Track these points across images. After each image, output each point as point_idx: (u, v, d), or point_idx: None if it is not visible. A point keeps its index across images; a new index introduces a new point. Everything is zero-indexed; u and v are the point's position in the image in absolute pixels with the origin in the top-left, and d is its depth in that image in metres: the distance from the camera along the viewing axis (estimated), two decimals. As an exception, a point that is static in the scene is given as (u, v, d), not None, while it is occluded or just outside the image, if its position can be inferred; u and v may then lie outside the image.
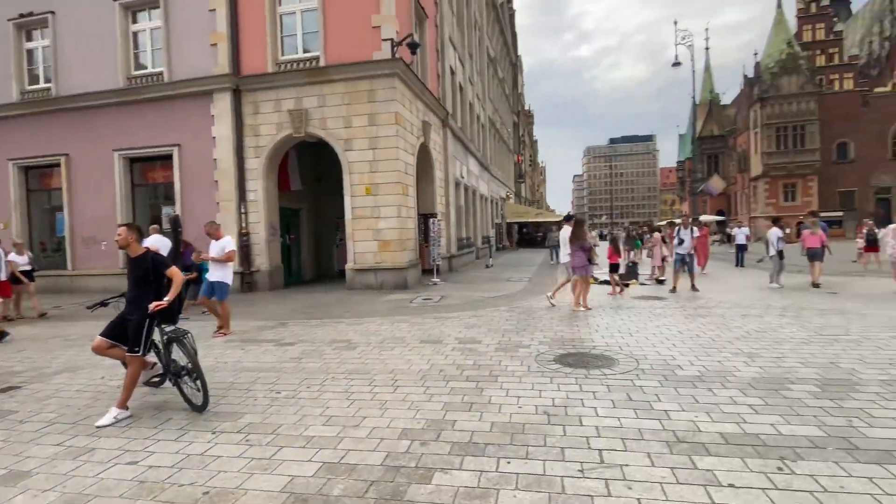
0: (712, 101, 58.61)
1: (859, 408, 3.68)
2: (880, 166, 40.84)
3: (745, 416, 3.57)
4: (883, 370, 4.59)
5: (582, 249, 8.62)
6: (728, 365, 4.89)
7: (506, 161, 37.96)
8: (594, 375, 4.72)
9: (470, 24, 22.81)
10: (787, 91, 41.03)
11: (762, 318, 7.32)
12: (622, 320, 7.47)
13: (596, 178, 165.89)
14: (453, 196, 17.68)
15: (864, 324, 6.70)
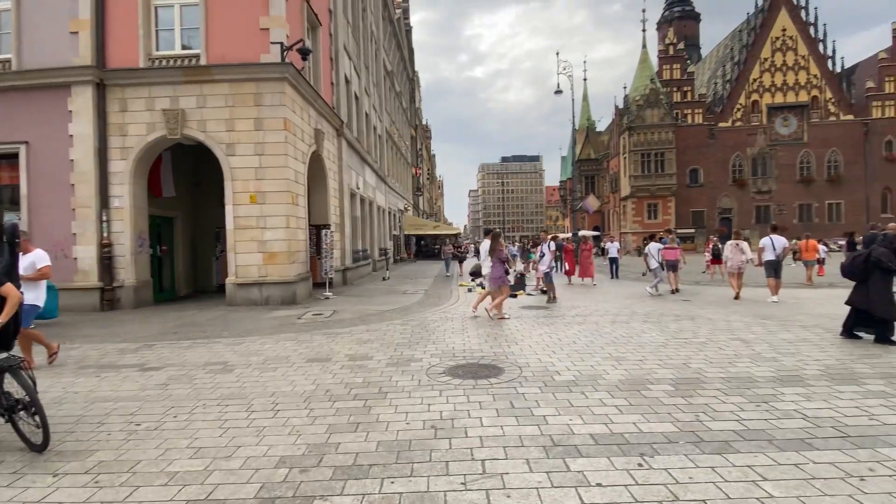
0: (589, 127, 64.56)
1: (705, 403, 4.17)
2: (723, 190, 47.86)
3: (612, 417, 3.87)
4: (723, 369, 5.27)
5: (499, 261, 9.04)
6: (599, 369, 5.30)
7: (404, 173, 38.20)
8: (482, 385, 4.83)
9: (366, 35, 22.74)
10: (651, 122, 46.60)
11: (628, 324, 8.09)
12: (510, 330, 7.79)
13: (490, 194, 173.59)
14: (348, 207, 17.32)
15: (711, 328, 7.69)
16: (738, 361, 5.54)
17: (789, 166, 47.04)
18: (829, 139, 46.44)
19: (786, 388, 4.55)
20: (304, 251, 12.58)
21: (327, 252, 13.11)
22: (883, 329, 6.27)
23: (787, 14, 47.05)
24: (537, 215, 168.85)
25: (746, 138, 47.34)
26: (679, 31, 58.20)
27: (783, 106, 47.05)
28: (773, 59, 47.17)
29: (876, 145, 45.79)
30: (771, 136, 47.15)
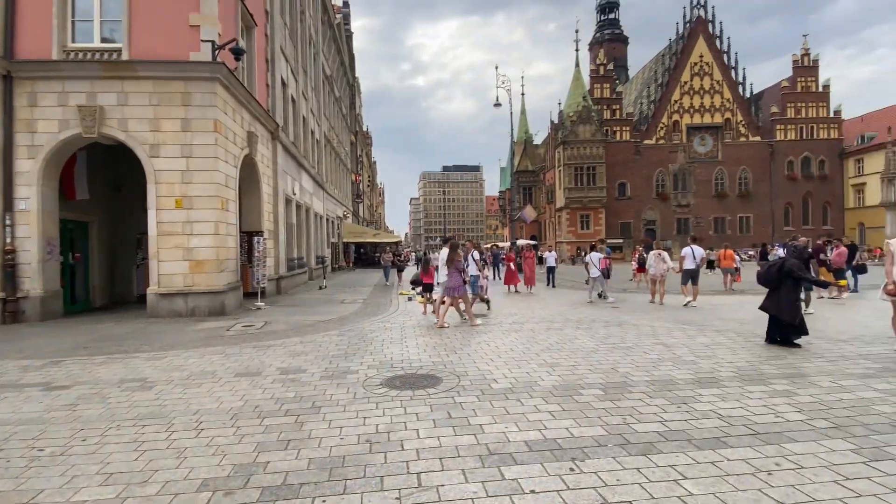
0: (527, 140, 66.74)
1: (631, 406, 4.38)
2: (648, 203, 50.98)
3: (546, 423, 3.97)
4: (648, 372, 5.57)
5: (457, 271, 9.15)
6: (535, 375, 5.43)
7: (343, 180, 37.55)
8: (419, 396, 4.79)
9: (304, 38, 22.25)
10: (583, 137, 48.89)
11: (562, 330, 8.37)
12: (449, 338, 7.82)
13: (431, 202, 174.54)
14: (283, 213, 16.76)
15: (637, 333, 8.10)
16: (661, 365, 5.87)
17: (706, 182, 50.97)
18: (740, 158, 50.85)
19: (703, 389, 4.87)
20: (234, 259, 12.01)
21: (260, 260, 12.59)
22: (787, 332, 6.89)
23: (704, 42, 51.20)
24: (478, 224, 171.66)
25: (668, 155, 50.82)
26: (609, 53, 61.67)
27: (701, 126, 51.00)
28: (692, 82, 51.09)
29: (780, 165, 50.66)
30: (690, 154, 50.90)
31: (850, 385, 4.93)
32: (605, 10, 74.21)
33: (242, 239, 13.19)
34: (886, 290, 6.28)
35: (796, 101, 50.46)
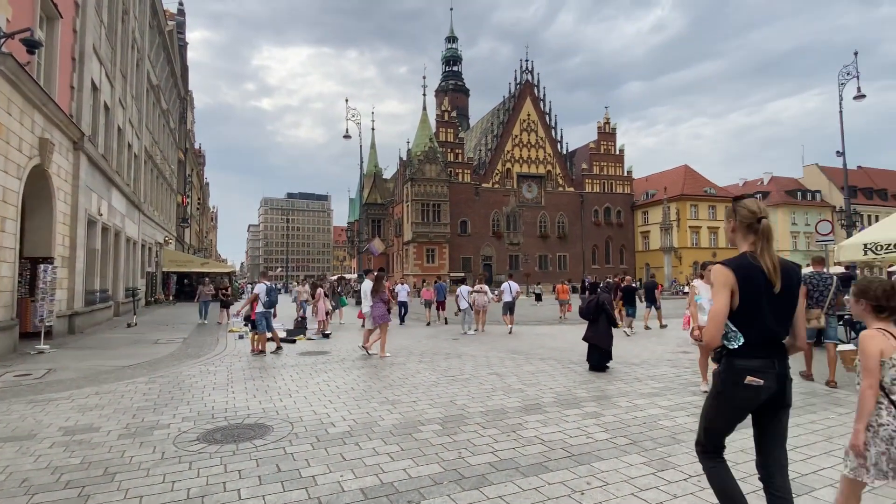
0: (377, 173, 67.80)
1: (467, 439, 4.50)
2: (486, 240, 55.29)
3: (384, 466, 3.84)
4: (483, 403, 5.83)
5: (382, 301, 9.47)
6: (375, 415, 5.28)
7: (167, 201, 33.35)
8: (244, 450, 4.28)
9: (126, 41, 19.64)
10: (430, 176, 51.49)
11: (405, 365, 8.40)
12: (284, 380, 7.24)
13: (273, 230, 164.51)
14: (84, 236, 14.12)
15: (473, 364, 8.51)
16: (493, 395, 6.21)
17: (532, 224, 57.37)
18: (559, 205, 58.53)
19: (529, 416, 5.25)
20: (8, 291, 9.64)
21: (46, 292, 10.31)
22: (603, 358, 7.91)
23: (531, 103, 58.60)
24: (324, 255, 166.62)
25: (503, 198, 56.19)
26: (453, 101, 66.74)
27: (528, 175, 57.64)
28: (521, 136, 57.78)
29: (588, 212, 59.51)
30: (520, 199, 57.00)
31: (641, 404, 5.79)
32: (449, 62, 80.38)
33: (24, 266, 10.72)
34: (693, 335, 6.27)
35: (600, 160, 60.36)
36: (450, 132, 55.00)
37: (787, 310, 2.35)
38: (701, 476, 3.62)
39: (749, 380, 2.26)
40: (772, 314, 2.29)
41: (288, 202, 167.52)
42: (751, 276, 2.29)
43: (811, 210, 61.33)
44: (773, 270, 2.28)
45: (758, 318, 2.29)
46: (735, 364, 2.31)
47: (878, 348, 2.28)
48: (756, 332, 2.29)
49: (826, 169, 64.03)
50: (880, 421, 2.27)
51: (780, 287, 2.28)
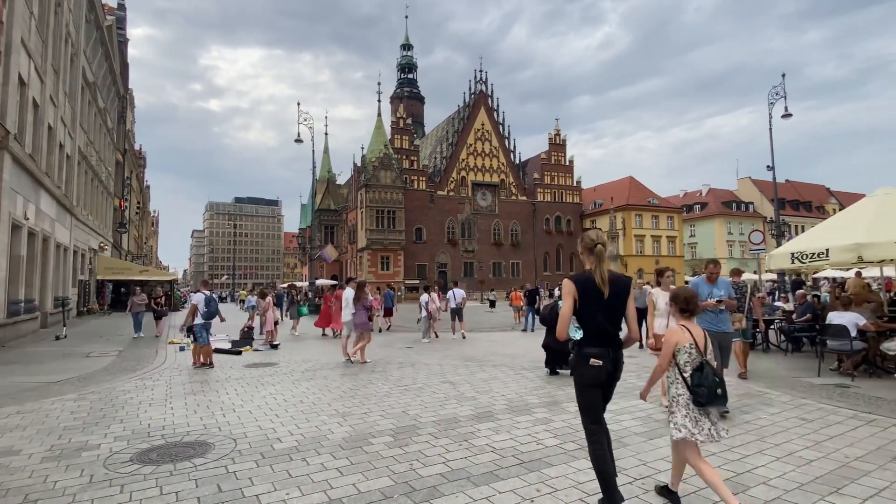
0: (330, 179, 66.66)
1: (419, 450, 4.45)
2: (441, 247, 55.40)
3: (332, 482, 3.73)
4: (435, 412, 5.80)
5: (364, 308, 9.80)
6: (324, 429, 5.14)
7: (103, 205, 31.40)
8: (182, 470, 4.05)
9: (58, 34, 18.42)
10: (384, 182, 51.13)
11: (357, 375, 8.24)
12: (228, 394, 6.93)
13: (219, 236, 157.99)
14: (6, 242, 13.05)
15: (427, 372, 8.46)
16: (447, 404, 6.20)
17: (487, 231, 58.05)
18: (512, 213, 59.55)
19: (482, 424, 5.27)
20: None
21: (-39, 304, 9.42)
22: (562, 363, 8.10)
23: (486, 112, 59.49)
24: (274, 262, 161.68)
25: (457, 206, 56.57)
26: (408, 109, 66.75)
27: (483, 183, 58.36)
28: (476, 145, 58.49)
29: (540, 221, 60.87)
30: (474, 206, 57.56)
31: (589, 408, 5.93)
32: (404, 69, 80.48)
33: (-69, 275, 9.75)
34: (648, 344, 6.46)
35: (551, 170, 61.99)
36: (405, 139, 54.93)
37: (616, 311, 3.18)
38: (645, 479, 3.75)
39: (592, 361, 3.13)
40: (602, 314, 3.11)
41: (236, 207, 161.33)
42: (587, 286, 3.12)
43: (745, 220, 65.40)
44: (603, 282, 3.11)
45: (593, 317, 3.12)
46: (583, 350, 3.17)
47: (675, 340, 3.22)
48: (593, 327, 3.13)
49: (758, 182, 68.57)
50: (679, 392, 3.20)
51: (608, 294, 3.11)
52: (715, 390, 3.06)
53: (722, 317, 5.94)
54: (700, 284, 6.04)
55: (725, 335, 5.92)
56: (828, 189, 78.09)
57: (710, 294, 5.91)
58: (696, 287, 5.95)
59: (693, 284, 6.05)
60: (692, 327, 3.27)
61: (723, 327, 5.90)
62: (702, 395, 3.06)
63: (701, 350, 3.20)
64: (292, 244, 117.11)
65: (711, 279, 6.07)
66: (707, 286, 6.03)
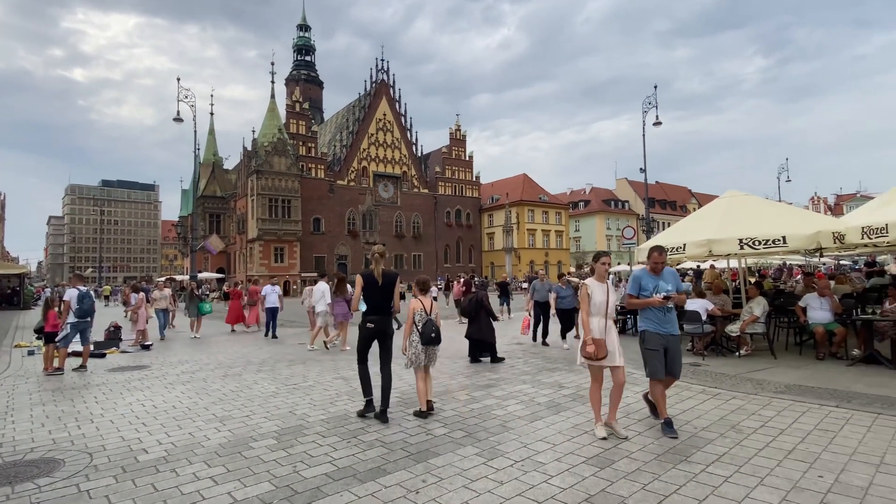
0: (216, 163, 61.70)
1: (304, 451, 4.28)
2: (341, 239, 54.01)
3: (205, 492, 3.46)
4: (325, 409, 5.63)
5: (345, 300, 10.57)
6: (199, 435, 4.75)
7: (-79, 184, 26.03)
8: (23, 493, 3.50)
9: None
10: (278, 169, 48.46)
11: (241, 376, 7.73)
12: (84, 404, 6.13)
13: (83, 223, 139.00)
14: None
15: (319, 369, 8.20)
16: (338, 401, 6.05)
17: (389, 223, 57.75)
18: (414, 205, 59.85)
19: (372, 419, 5.22)
20: None
21: None
22: (492, 352, 8.52)
23: (387, 102, 58.91)
24: (150, 253, 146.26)
25: (358, 196, 55.52)
26: (305, 93, 63.90)
27: (384, 175, 57.86)
28: (377, 135, 57.75)
29: (441, 214, 61.92)
30: (376, 198, 56.92)
31: (479, 396, 6.15)
32: (301, 51, 76.82)
33: None
34: (585, 351, 4.57)
35: (451, 164, 63.26)
36: (301, 124, 52.47)
37: (386, 293, 5.30)
38: (525, 461, 3.97)
39: (368, 325, 5.27)
40: (378, 296, 5.27)
41: (103, 191, 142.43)
42: (370, 279, 5.24)
43: (622, 217, 72.23)
44: (378, 276, 5.22)
45: (372, 297, 5.27)
46: (364, 318, 5.30)
47: (414, 307, 5.33)
48: (371, 304, 5.29)
49: (633, 183, 76.00)
50: (413, 339, 5.29)
51: (381, 283, 5.23)
52: (431, 335, 5.24)
53: (670, 317, 4.76)
54: (643, 277, 4.86)
55: (673, 338, 4.73)
56: (690, 190, 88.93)
57: (655, 288, 4.75)
58: (639, 280, 4.83)
59: (636, 277, 4.90)
60: (424, 300, 5.42)
61: (670, 329, 4.72)
62: (425, 337, 5.23)
63: (427, 312, 5.34)
64: (171, 234, 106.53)
65: (656, 270, 4.86)
66: (652, 278, 4.84)
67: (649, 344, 4.75)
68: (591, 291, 4.66)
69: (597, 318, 4.60)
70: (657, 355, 4.69)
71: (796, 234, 7.98)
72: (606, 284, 4.75)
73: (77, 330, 8.31)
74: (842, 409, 5.17)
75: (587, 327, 4.57)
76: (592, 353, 4.50)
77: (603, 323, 4.59)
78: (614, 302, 4.79)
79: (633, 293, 4.88)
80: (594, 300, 4.63)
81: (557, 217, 68.07)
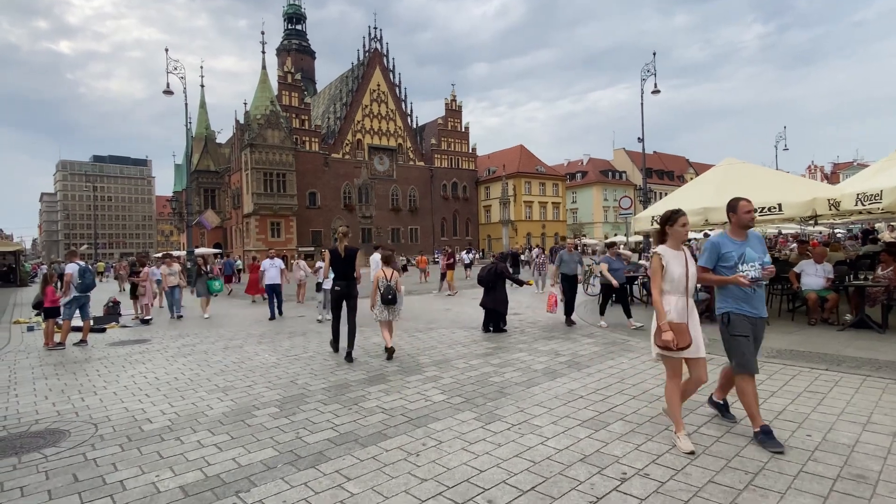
0: (208, 137, 60.72)
1: (306, 418, 4.37)
2: (337, 213, 53.72)
3: (210, 458, 3.54)
4: (326, 379, 5.72)
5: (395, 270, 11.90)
6: (202, 405, 4.83)
7: None
8: (29, 462, 3.58)
9: None
10: (272, 142, 47.77)
11: (242, 348, 7.82)
12: (86, 377, 6.20)
13: (76, 200, 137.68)
14: None
15: (319, 340, 8.28)
16: (338, 370, 6.14)
17: (385, 197, 57.38)
18: (410, 178, 59.37)
19: (372, 387, 5.31)
20: None
21: None
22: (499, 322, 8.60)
23: (381, 73, 57.69)
24: (146, 229, 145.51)
25: (353, 170, 54.97)
26: (296, 63, 62.33)
27: (380, 147, 57.15)
28: (372, 107, 56.77)
29: (438, 186, 61.50)
30: (371, 171, 56.37)
31: (476, 364, 6.26)
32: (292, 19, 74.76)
33: None
34: (661, 339, 3.51)
35: (447, 136, 62.46)
36: (294, 96, 51.46)
37: (348, 264, 6.77)
38: (521, 424, 4.07)
39: (336, 288, 6.82)
40: (341, 266, 6.75)
41: (95, 167, 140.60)
42: (335, 253, 6.76)
43: (619, 188, 71.97)
44: (342, 251, 6.75)
45: (337, 266, 6.75)
46: (333, 283, 6.86)
47: (378, 276, 6.80)
48: (337, 272, 6.79)
49: (630, 153, 75.45)
50: (377, 299, 6.72)
51: (344, 256, 6.73)
52: (388, 297, 6.69)
53: (760, 294, 3.63)
54: (724, 242, 3.66)
55: (762, 322, 3.67)
56: (687, 160, 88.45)
57: (742, 258, 3.56)
58: (718, 248, 3.64)
59: (714, 244, 3.68)
60: (385, 270, 6.80)
61: (760, 310, 3.63)
62: (384, 298, 6.69)
63: (388, 280, 6.74)
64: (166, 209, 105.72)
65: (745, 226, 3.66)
66: (735, 244, 3.63)
67: (737, 328, 3.59)
68: (667, 262, 3.60)
69: (674, 297, 3.60)
70: (747, 343, 3.57)
71: (792, 202, 8.00)
72: (684, 252, 3.67)
73: (78, 304, 8.37)
74: (831, 373, 5.29)
75: (660, 309, 3.56)
76: (671, 342, 3.46)
77: (683, 302, 3.60)
78: (695, 275, 3.66)
79: (709, 265, 3.68)
80: (670, 273, 3.59)
81: (554, 188, 67.77)
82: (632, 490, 2.94)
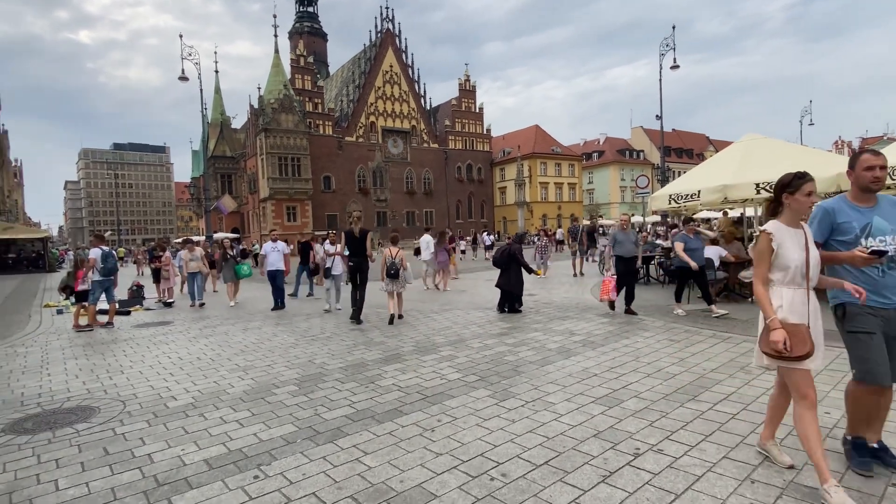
0: (224, 122, 61.14)
1: (324, 396, 4.48)
2: (352, 196, 53.92)
3: (232, 434, 3.67)
4: (343, 359, 5.83)
5: (444, 250, 13.05)
6: (224, 384, 4.97)
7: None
8: (63, 437, 3.75)
9: None
10: (286, 126, 47.90)
11: (261, 329, 8.00)
12: (114, 357, 6.42)
13: (97, 187, 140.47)
14: None
15: (336, 322, 8.42)
16: (355, 350, 6.25)
17: (399, 180, 57.31)
18: (424, 161, 59.11)
19: (388, 366, 5.40)
20: None
21: None
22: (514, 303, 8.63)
23: (394, 53, 57.07)
24: (166, 215, 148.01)
25: (367, 153, 54.91)
26: (309, 46, 61.99)
27: (393, 130, 56.88)
28: (385, 89, 56.34)
29: (452, 169, 61.16)
30: (385, 154, 56.24)
31: (491, 343, 6.30)
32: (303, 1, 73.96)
33: None
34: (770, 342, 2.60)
35: (461, 117, 61.81)
36: (307, 79, 51.30)
37: (361, 243, 8.18)
38: (535, 401, 4.11)
39: (350, 264, 8.41)
40: (354, 245, 8.17)
41: (115, 154, 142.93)
42: (350, 234, 8.24)
43: (636, 167, 70.64)
44: (356, 232, 8.17)
45: (352, 244, 8.17)
46: (349, 258, 8.41)
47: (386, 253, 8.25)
48: (352, 250, 8.21)
49: (648, 131, 73.84)
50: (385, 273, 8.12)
51: (358, 236, 8.13)
52: (391, 272, 8.00)
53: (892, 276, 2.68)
54: (840, 209, 2.82)
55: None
56: (707, 137, 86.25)
57: (866, 230, 2.71)
58: (833, 216, 2.80)
59: (826, 211, 2.81)
60: (392, 249, 8.15)
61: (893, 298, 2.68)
62: (389, 273, 7.99)
63: (393, 258, 8.05)
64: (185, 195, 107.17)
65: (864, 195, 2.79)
66: (858, 212, 2.78)
67: (857, 324, 2.71)
68: (779, 243, 2.63)
69: (790, 290, 2.65)
70: (874, 343, 2.65)
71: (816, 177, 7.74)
72: (804, 231, 2.71)
73: (102, 288, 8.64)
74: (852, 350, 5.20)
75: (765, 303, 2.66)
76: (781, 346, 2.53)
77: (802, 297, 2.65)
78: (818, 261, 2.67)
79: (818, 239, 2.79)
80: (785, 259, 2.62)
81: (571, 169, 66.88)
82: (645, 465, 2.96)
